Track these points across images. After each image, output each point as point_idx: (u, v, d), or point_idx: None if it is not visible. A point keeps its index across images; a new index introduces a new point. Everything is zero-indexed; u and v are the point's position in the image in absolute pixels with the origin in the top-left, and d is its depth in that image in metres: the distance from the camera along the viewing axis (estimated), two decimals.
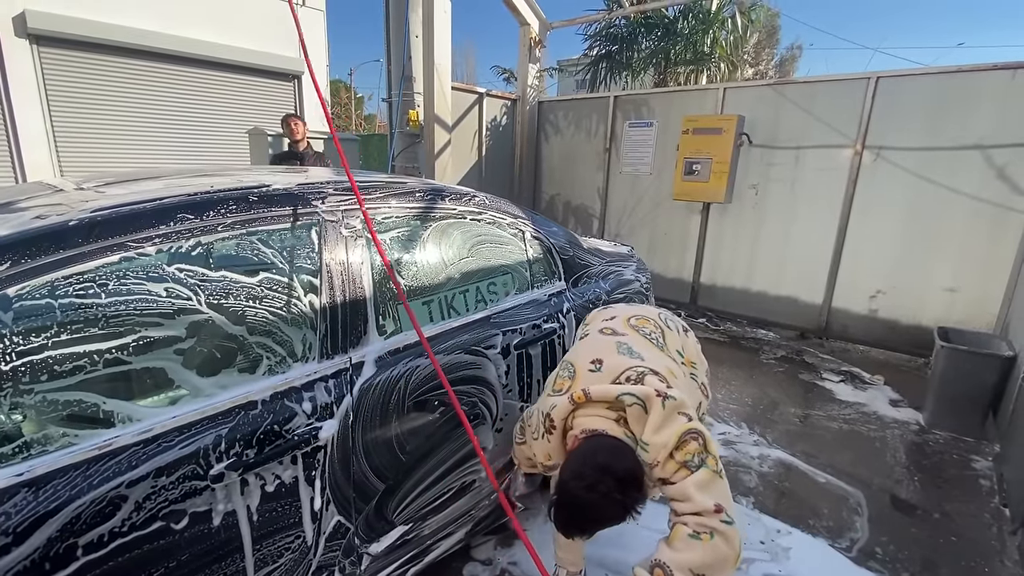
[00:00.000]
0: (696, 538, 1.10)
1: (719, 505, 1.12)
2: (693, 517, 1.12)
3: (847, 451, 2.76)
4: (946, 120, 3.70)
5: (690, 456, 1.17)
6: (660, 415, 1.20)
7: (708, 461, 1.17)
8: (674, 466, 1.17)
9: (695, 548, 1.09)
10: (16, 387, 0.96)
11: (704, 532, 1.10)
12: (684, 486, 1.15)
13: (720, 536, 1.10)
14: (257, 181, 1.39)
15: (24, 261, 0.97)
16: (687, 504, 1.14)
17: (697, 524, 1.11)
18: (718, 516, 1.11)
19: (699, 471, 1.16)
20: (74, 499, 0.95)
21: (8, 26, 6.35)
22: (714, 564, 1.08)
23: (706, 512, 1.11)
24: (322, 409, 1.29)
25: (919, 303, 3.94)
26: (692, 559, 1.08)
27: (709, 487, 1.15)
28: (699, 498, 1.13)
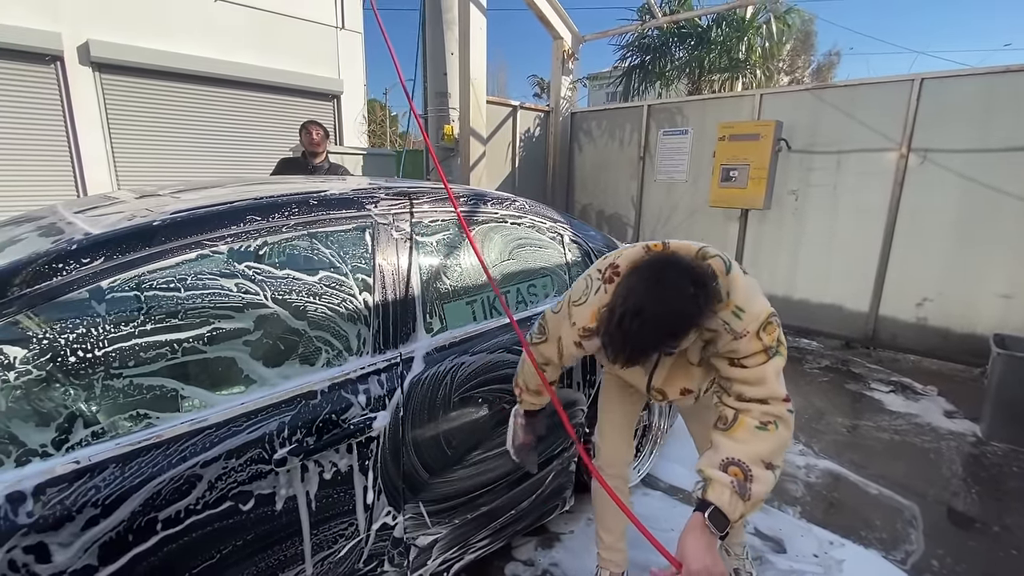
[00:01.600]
0: (763, 429, 1.06)
1: (787, 396, 1.11)
2: (759, 405, 1.09)
3: (899, 462, 2.66)
4: (996, 121, 3.56)
5: (773, 342, 1.11)
6: (748, 283, 1.13)
7: (781, 350, 1.13)
8: (757, 345, 1.10)
9: (765, 439, 1.05)
10: (107, 371, 1.04)
11: (770, 423, 1.07)
12: (764, 371, 1.10)
13: (783, 424, 1.07)
14: (316, 187, 1.48)
15: (116, 256, 1.06)
16: (759, 388, 1.10)
17: (763, 413, 1.08)
18: (787, 405, 1.09)
19: (776, 358, 1.11)
20: (155, 476, 1.03)
21: (74, 55, 6.85)
22: (779, 451, 1.06)
23: (775, 400, 1.09)
24: (375, 401, 1.34)
25: (972, 310, 3.77)
26: (762, 450, 1.05)
27: (781, 376, 1.12)
28: (775, 385, 1.09)
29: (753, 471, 1.03)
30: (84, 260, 1.03)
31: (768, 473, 1.04)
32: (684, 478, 2.43)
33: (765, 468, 1.04)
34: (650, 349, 1.03)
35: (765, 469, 1.04)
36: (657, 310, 0.98)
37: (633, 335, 1.00)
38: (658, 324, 0.99)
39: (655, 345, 1.03)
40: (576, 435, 1.42)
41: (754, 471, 1.03)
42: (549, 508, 1.97)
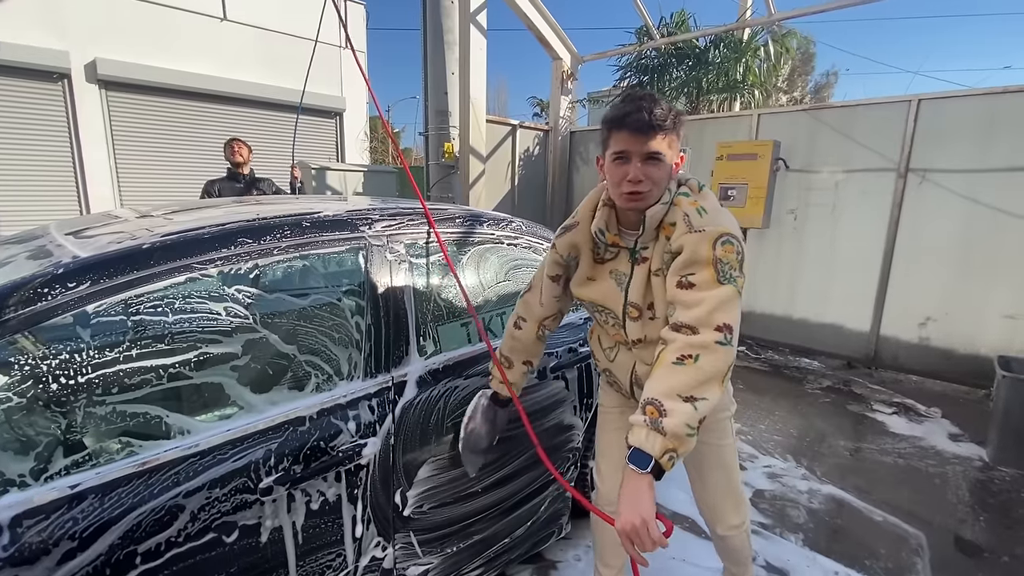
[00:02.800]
0: (680, 363, 1.01)
1: (727, 324, 1.03)
2: (685, 336, 1.03)
3: (904, 487, 2.60)
4: (996, 142, 3.57)
5: (728, 262, 1.08)
6: (717, 204, 1.19)
7: (739, 282, 1.08)
8: (708, 254, 1.08)
9: (679, 372, 1.00)
10: (90, 398, 1.02)
11: (688, 357, 1.01)
12: (705, 294, 1.05)
13: (707, 355, 1.00)
14: (309, 208, 1.47)
15: (103, 280, 1.05)
16: (692, 312, 1.04)
17: (685, 345, 1.02)
18: (717, 335, 1.01)
19: (727, 285, 1.06)
20: (136, 507, 1.00)
21: (81, 73, 6.95)
22: (698, 383, 0.99)
23: (706, 327, 1.02)
24: (366, 427, 1.31)
25: (976, 331, 3.73)
26: (676, 383, 0.99)
27: (727, 306, 1.04)
28: (712, 310, 1.03)
29: (666, 405, 0.98)
30: (70, 284, 1.02)
31: (685, 405, 0.97)
32: (686, 505, 2.38)
33: (683, 401, 0.98)
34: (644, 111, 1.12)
35: (683, 402, 0.98)
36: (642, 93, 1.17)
37: (627, 99, 1.16)
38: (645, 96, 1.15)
39: (648, 109, 1.12)
40: (558, 471, 1.48)
41: (667, 405, 0.98)
42: (545, 535, 1.92)
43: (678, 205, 1.18)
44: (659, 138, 1.14)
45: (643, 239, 1.23)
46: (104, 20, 7.02)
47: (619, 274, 1.29)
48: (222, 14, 7.98)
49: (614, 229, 1.28)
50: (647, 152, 1.14)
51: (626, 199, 1.19)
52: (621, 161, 1.17)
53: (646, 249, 1.24)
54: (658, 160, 1.15)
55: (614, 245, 1.30)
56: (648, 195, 1.17)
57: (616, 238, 1.29)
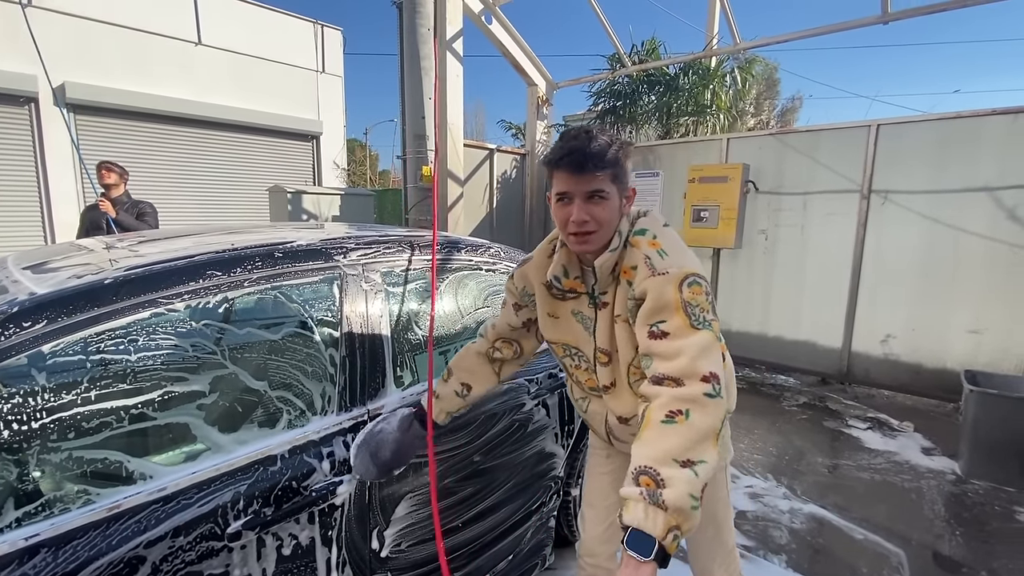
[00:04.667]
0: (670, 421, 0.90)
1: (713, 373, 0.93)
2: (671, 389, 0.93)
3: (882, 504, 2.63)
4: (951, 164, 3.75)
5: (696, 304, 1.00)
6: (679, 242, 1.14)
7: (713, 325, 1.00)
8: (675, 297, 1.00)
9: (672, 433, 0.88)
10: (44, 444, 0.96)
11: (679, 413, 0.90)
12: (682, 343, 0.96)
13: (698, 410, 0.90)
14: (282, 237, 1.44)
15: (60, 319, 1.00)
16: (673, 363, 0.94)
17: (673, 399, 0.91)
18: (705, 386, 0.91)
19: (703, 331, 0.97)
20: (93, 560, 0.94)
21: (48, 96, 6.80)
22: (695, 444, 0.88)
23: (692, 379, 0.92)
24: (340, 464, 1.27)
25: (943, 346, 3.85)
26: (671, 446, 0.87)
27: (708, 353, 0.95)
28: (694, 359, 0.93)
29: (663, 473, 0.85)
30: (24, 324, 0.97)
31: (683, 471, 0.85)
32: None
33: (680, 467, 0.85)
34: (580, 150, 1.09)
35: (680, 468, 0.85)
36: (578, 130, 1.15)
37: (565, 137, 1.15)
38: (582, 132, 1.13)
39: (584, 147, 1.09)
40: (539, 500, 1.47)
41: (664, 473, 0.85)
42: (529, 567, 1.87)
43: (636, 246, 1.12)
44: (600, 176, 1.09)
45: (599, 286, 1.19)
46: (74, 44, 6.92)
47: (583, 317, 1.25)
48: (196, 38, 7.95)
49: (575, 271, 1.23)
50: (587, 191, 1.09)
51: (574, 241, 1.14)
52: (564, 202, 1.13)
53: (605, 294, 1.19)
54: (602, 199, 1.10)
55: (572, 290, 1.25)
56: (595, 236, 1.12)
57: (574, 283, 1.23)
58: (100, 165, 3.93)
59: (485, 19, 5.25)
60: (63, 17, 6.84)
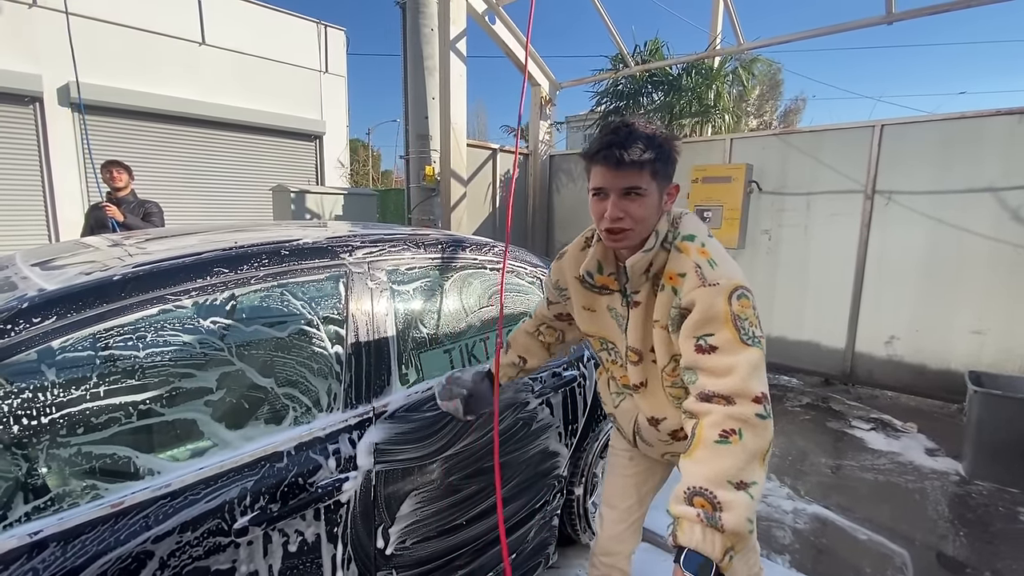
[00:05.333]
0: (724, 442, 0.88)
1: (764, 394, 0.91)
2: (722, 407, 0.91)
3: (885, 504, 2.63)
4: (955, 164, 3.74)
5: (746, 318, 0.97)
6: (725, 253, 1.09)
7: (761, 342, 0.96)
8: (725, 310, 0.96)
9: (727, 455, 0.87)
10: (54, 439, 0.97)
11: (732, 433, 0.88)
12: (734, 360, 0.93)
13: (750, 431, 0.88)
14: (288, 235, 1.45)
15: (69, 315, 1.01)
16: (724, 381, 0.92)
17: (726, 418, 0.89)
18: (757, 407, 0.90)
19: (753, 348, 0.95)
20: (101, 554, 0.94)
21: (53, 96, 6.83)
22: (748, 465, 0.87)
23: (743, 398, 0.90)
24: (346, 461, 1.28)
25: (946, 347, 3.84)
26: (726, 468, 0.86)
27: (759, 372, 0.93)
28: (746, 379, 0.91)
29: (719, 496, 0.84)
30: (35, 319, 0.98)
31: (740, 495, 0.85)
32: None
33: (735, 489, 0.85)
34: (618, 144, 1.05)
35: (735, 490, 0.85)
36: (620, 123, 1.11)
37: (605, 130, 1.11)
38: (623, 125, 1.09)
39: (623, 141, 1.05)
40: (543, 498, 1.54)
41: (720, 496, 0.84)
42: (532, 566, 1.88)
43: (685, 252, 1.07)
44: (637, 172, 1.05)
45: (631, 285, 1.15)
46: (79, 44, 6.94)
47: (616, 314, 1.23)
48: (200, 39, 7.97)
49: (610, 267, 1.20)
50: (624, 187, 1.06)
51: (608, 237, 1.11)
52: (599, 197, 1.10)
53: (637, 293, 1.15)
54: (638, 195, 1.06)
55: (605, 286, 1.22)
56: (631, 233, 1.09)
57: (607, 279, 1.21)
58: (108, 165, 3.85)
59: (488, 19, 5.25)
60: (69, 17, 6.87)
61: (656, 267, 1.11)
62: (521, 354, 1.50)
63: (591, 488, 2.11)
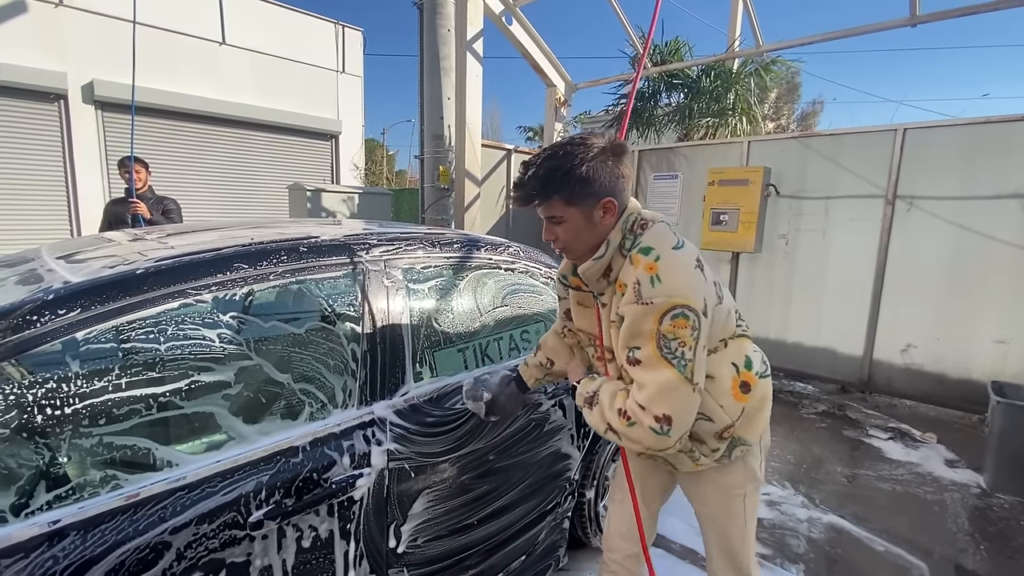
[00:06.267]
0: (617, 415, 1.08)
1: (666, 415, 1.01)
2: (632, 403, 1.06)
3: (903, 515, 2.57)
4: (981, 170, 3.66)
5: (675, 338, 1.02)
6: (688, 269, 1.09)
7: (688, 366, 1.02)
8: (651, 327, 1.03)
9: (613, 416, 1.09)
10: (76, 429, 0.99)
11: (626, 416, 1.06)
12: (647, 376, 1.04)
13: (639, 430, 1.04)
14: (306, 232, 1.46)
15: (93, 307, 1.02)
16: (638, 394, 1.05)
17: (630, 409, 1.06)
18: (654, 424, 1.02)
19: (670, 370, 1.02)
20: (120, 544, 0.96)
21: (77, 94, 6.97)
22: (623, 434, 1.08)
23: (647, 413, 1.03)
24: (360, 458, 1.28)
25: (968, 356, 3.76)
26: (607, 415, 1.11)
27: (668, 396, 1.02)
28: (651, 397, 1.02)
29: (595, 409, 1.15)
30: (60, 311, 0.99)
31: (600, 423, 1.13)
32: (684, 534, 2.33)
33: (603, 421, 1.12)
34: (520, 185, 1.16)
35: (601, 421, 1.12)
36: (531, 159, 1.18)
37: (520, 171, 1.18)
38: (529, 163, 1.16)
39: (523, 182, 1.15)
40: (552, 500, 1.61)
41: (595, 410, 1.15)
42: (542, 568, 1.87)
43: (634, 264, 1.10)
44: (546, 205, 1.14)
45: (593, 288, 1.23)
46: (103, 42, 7.08)
47: (591, 313, 1.31)
48: (221, 38, 8.08)
49: None
50: (545, 216, 1.17)
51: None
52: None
53: (603, 295, 1.22)
54: (558, 221, 1.15)
55: (578, 288, 1.31)
56: (569, 249, 1.20)
57: (578, 280, 1.28)
58: (124, 160, 3.81)
59: (505, 20, 5.26)
60: (93, 16, 7.01)
61: (616, 272, 1.17)
62: (549, 356, 1.52)
63: (602, 491, 2.10)
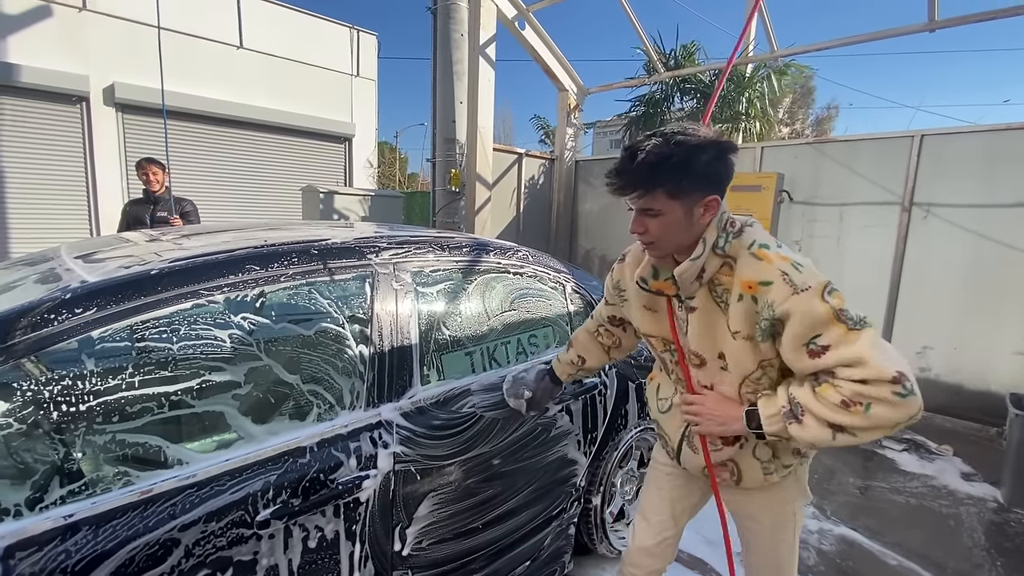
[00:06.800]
0: (844, 409, 0.92)
1: (901, 373, 0.89)
2: (852, 385, 0.91)
3: (917, 529, 2.52)
4: (1002, 177, 3.59)
5: (845, 308, 0.95)
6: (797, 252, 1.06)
7: (868, 319, 0.94)
8: (825, 309, 0.94)
9: (838, 414, 0.93)
10: (90, 426, 1.01)
11: (858, 403, 0.91)
12: (859, 348, 0.91)
13: (882, 405, 0.89)
14: (317, 235, 1.48)
15: (110, 306, 1.05)
16: (858, 370, 0.91)
17: (854, 393, 0.91)
18: (894, 387, 0.88)
19: (866, 329, 0.93)
20: (130, 540, 0.97)
21: (99, 96, 7.12)
22: (861, 427, 0.92)
23: (879, 381, 0.89)
24: (367, 459, 1.29)
25: (986, 367, 3.68)
26: (829, 416, 0.94)
27: (884, 350, 0.91)
28: (878, 362, 0.89)
29: (805, 420, 0.97)
30: (77, 310, 1.02)
31: (825, 430, 0.95)
32: (697, 544, 2.31)
33: (827, 427, 0.95)
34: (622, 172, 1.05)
35: (825, 427, 0.95)
36: (631, 145, 1.07)
37: (620, 156, 1.07)
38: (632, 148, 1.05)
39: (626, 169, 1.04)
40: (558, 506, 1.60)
41: (806, 420, 0.97)
42: (547, 573, 1.86)
43: (766, 260, 1.02)
44: (649, 195, 1.04)
45: (683, 291, 1.13)
46: (124, 46, 7.22)
47: (677, 317, 1.20)
48: (239, 42, 8.21)
49: (667, 273, 1.17)
50: (639, 208, 1.08)
51: (643, 247, 1.16)
52: (630, 210, 1.12)
53: (692, 299, 1.13)
54: (655, 215, 1.06)
55: (660, 292, 1.20)
56: (658, 245, 1.10)
57: (663, 284, 1.18)
58: (142, 162, 3.84)
59: (518, 24, 5.28)
60: (115, 20, 7.16)
61: (709, 273, 1.09)
62: (580, 353, 1.53)
63: (609, 498, 2.09)
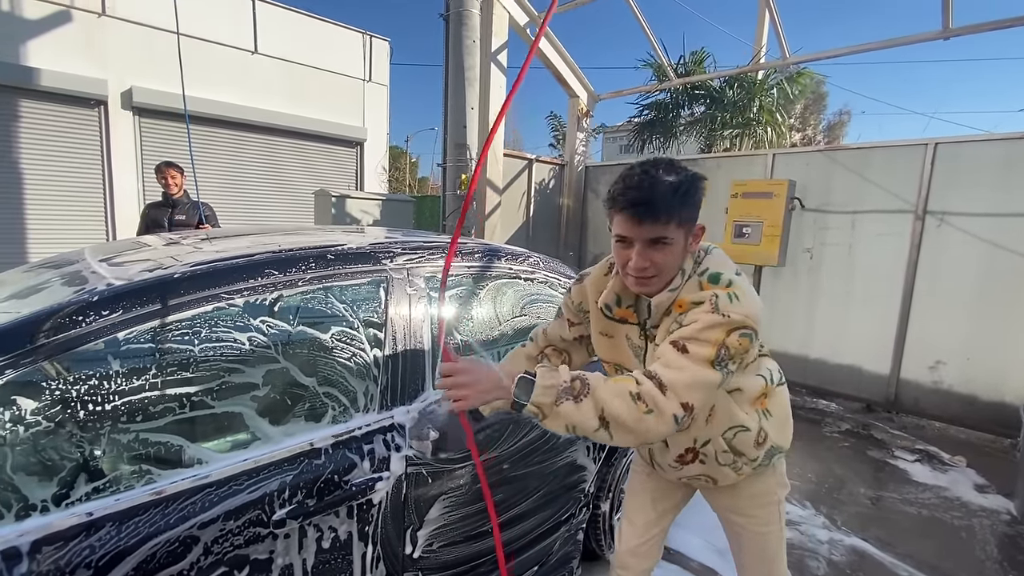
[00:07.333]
0: (633, 401, 0.95)
1: (692, 405, 0.95)
2: (652, 385, 0.96)
3: (928, 540, 2.50)
4: (1018, 186, 3.55)
5: (732, 355, 0.99)
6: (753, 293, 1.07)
7: (727, 379, 1.00)
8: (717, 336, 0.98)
9: (625, 402, 0.95)
10: (115, 425, 1.04)
11: (644, 403, 0.94)
12: (688, 364, 0.96)
13: (656, 418, 0.94)
14: (333, 240, 1.51)
15: (135, 308, 1.08)
16: (669, 373, 0.96)
17: (649, 394, 0.95)
18: (679, 411, 0.94)
19: (716, 372, 0.97)
20: (152, 536, 1.00)
21: (117, 100, 7.26)
22: (628, 429, 0.94)
23: (672, 396, 0.94)
24: (380, 461, 1.31)
25: (1000, 378, 3.63)
26: (612, 406, 0.94)
27: (704, 389, 0.97)
28: (686, 384, 0.95)
29: (584, 402, 0.95)
30: (104, 312, 1.05)
31: (592, 420, 0.95)
32: (700, 550, 2.31)
33: (597, 415, 0.95)
34: (643, 200, 1.01)
35: (595, 415, 0.95)
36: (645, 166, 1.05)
37: (628, 176, 1.04)
38: (648, 170, 1.03)
39: (647, 195, 1.00)
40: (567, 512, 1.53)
41: (585, 403, 0.95)
42: None
43: (707, 290, 1.06)
44: (663, 224, 1.02)
45: (651, 320, 1.15)
46: (142, 51, 7.36)
47: (633, 344, 1.22)
48: (253, 47, 8.33)
49: (629, 300, 1.20)
50: (650, 238, 1.03)
51: (633, 283, 1.10)
52: (623, 245, 1.07)
53: (657, 327, 1.15)
54: (665, 244, 1.03)
55: (623, 319, 1.22)
56: (655, 280, 1.08)
57: (626, 312, 1.21)
58: (162, 166, 3.91)
59: (530, 32, 5.32)
60: (133, 26, 7.30)
61: (674, 300, 1.11)
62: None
63: (617, 504, 2.09)
